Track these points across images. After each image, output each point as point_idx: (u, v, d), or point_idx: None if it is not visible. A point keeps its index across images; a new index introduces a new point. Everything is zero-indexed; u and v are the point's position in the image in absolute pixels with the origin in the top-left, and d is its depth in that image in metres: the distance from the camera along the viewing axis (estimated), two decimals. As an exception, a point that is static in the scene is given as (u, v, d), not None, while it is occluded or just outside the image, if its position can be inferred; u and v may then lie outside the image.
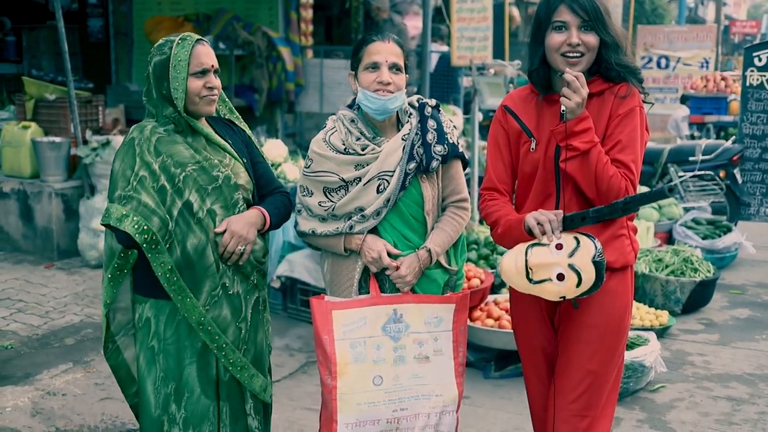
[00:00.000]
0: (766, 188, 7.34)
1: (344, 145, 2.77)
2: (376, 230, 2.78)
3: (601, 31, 2.45)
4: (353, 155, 2.75)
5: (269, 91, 8.91)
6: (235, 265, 2.65)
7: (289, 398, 4.19)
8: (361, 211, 2.74)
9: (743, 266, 6.99)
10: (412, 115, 2.82)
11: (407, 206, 2.78)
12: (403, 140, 2.76)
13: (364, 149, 2.76)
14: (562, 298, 2.45)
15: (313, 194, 2.80)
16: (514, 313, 2.81)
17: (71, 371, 4.47)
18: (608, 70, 2.50)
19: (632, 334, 4.54)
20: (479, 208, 2.76)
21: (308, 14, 9.43)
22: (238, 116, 2.89)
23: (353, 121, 2.80)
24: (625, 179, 2.45)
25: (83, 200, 6.38)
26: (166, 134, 2.62)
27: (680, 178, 7.65)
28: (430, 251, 2.76)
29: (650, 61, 13.67)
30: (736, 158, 7.54)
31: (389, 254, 2.73)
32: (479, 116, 6.44)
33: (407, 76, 2.81)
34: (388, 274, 2.77)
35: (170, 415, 2.65)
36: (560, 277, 2.42)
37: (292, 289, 5.35)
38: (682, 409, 4.20)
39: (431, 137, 2.77)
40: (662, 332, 5.12)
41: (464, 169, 2.91)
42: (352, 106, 2.87)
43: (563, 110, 2.43)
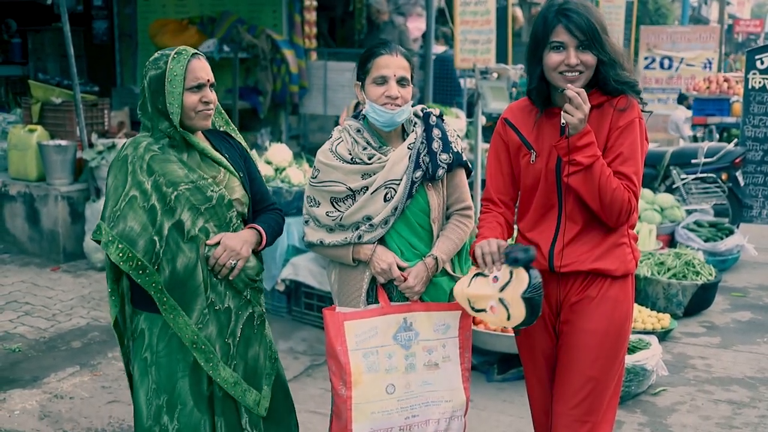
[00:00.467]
0: (768, 190, 7.38)
1: (351, 154, 2.80)
2: (382, 238, 2.81)
3: (598, 50, 2.48)
4: (360, 164, 2.78)
5: (273, 93, 8.94)
6: (226, 280, 2.65)
7: (293, 401, 4.21)
8: (369, 219, 2.76)
9: (745, 268, 7.01)
10: (416, 124, 2.86)
11: (414, 214, 2.81)
12: (409, 149, 2.79)
13: (370, 158, 2.78)
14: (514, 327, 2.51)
15: (320, 204, 2.82)
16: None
17: (78, 374, 4.51)
18: (606, 84, 2.53)
19: (634, 337, 4.57)
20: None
21: (312, 17, 9.46)
22: (234, 128, 2.89)
23: (359, 131, 2.83)
24: (627, 191, 2.49)
25: (89, 203, 6.43)
26: (160, 152, 2.60)
27: (682, 180, 7.67)
28: (436, 259, 2.79)
29: (653, 61, 13.67)
30: (738, 161, 7.56)
31: (399, 267, 2.77)
32: (482, 119, 6.45)
33: (413, 86, 2.84)
34: (396, 284, 2.80)
35: (162, 426, 2.65)
36: (493, 309, 2.48)
37: (296, 292, 5.38)
38: (683, 412, 4.23)
39: (437, 146, 2.81)
40: (664, 335, 5.15)
41: (468, 177, 2.95)
42: (357, 116, 2.90)
43: (563, 123, 2.46)
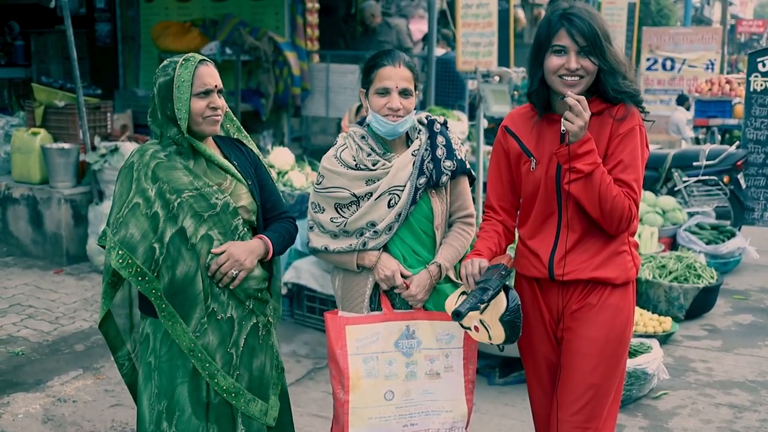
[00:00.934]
0: (769, 193, 7.39)
1: (355, 161, 2.81)
2: (386, 245, 2.82)
3: (598, 56, 2.49)
4: (364, 171, 2.79)
5: (276, 95, 8.96)
6: (228, 289, 2.64)
7: (295, 404, 4.18)
8: (373, 226, 2.77)
9: (747, 271, 7.02)
10: (421, 131, 2.87)
11: (417, 221, 2.82)
12: (413, 155, 2.80)
13: (374, 165, 2.80)
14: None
15: (324, 210, 2.84)
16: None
17: (81, 378, 4.53)
18: (606, 93, 2.53)
19: (635, 341, 4.57)
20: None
21: (314, 19, 9.48)
22: (246, 135, 2.89)
23: (364, 137, 2.85)
24: (628, 198, 2.50)
25: (92, 206, 6.45)
26: (166, 159, 2.61)
27: (684, 183, 7.68)
28: (440, 266, 2.81)
29: (655, 63, 13.68)
30: (740, 163, 7.57)
31: (401, 275, 2.78)
32: (484, 122, 6.47)
33: (418, 93, 2.85)
34: (398, 292, 2.81)
35: None
36: (476, 328, 2.55)
37: (298, 295, 5.40)
38: (684, 416, 4.24)
39: (441, 153, 2.82)
40: (665, 339, 5.17)
41: (471, 185, 2.96)
42: (362, 122, 2.92)
43: (563, 131, 2.46)
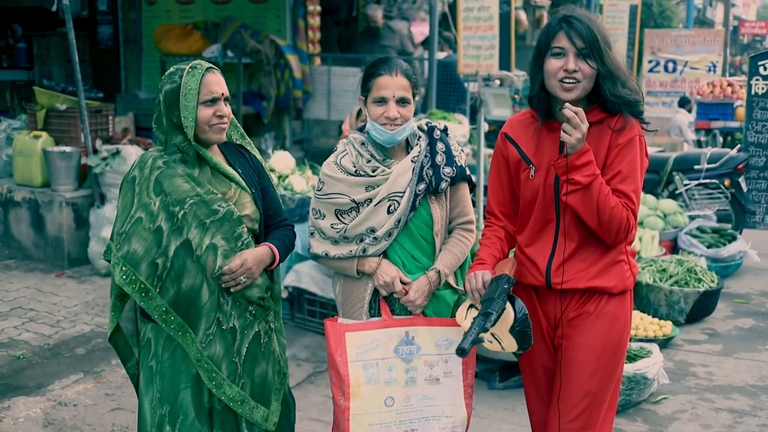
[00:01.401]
0: (771, 196, 7.39)
1: (355, 167, 2.82)
2: (385, 251, 2.83)
3: (597, 60, 2.49)
4: (364, 177, 2.81)
5: (277, 98, 8.99)
6: (231, 299, 2.65)
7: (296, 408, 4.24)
8: (372, 232, 2.78)
9: (748, 274, 7.01)
10: (421, 138, 2.88)
11: (417, 227, 2.83)
12: (412, 162, 2.81)
13: (374, 171, 2.81)
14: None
15: (325, 216, 2.85)
16: (515, 331, 2.87)
17: (82, 381, 4.54)
18: (604, 100, 2.53)
19: (635, 345, 4.58)
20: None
21: (316, 22, 9.49)
22: (249, 142, 2.89)
23: (363, 144, 2.86)
24: (626, 209, 2.50)
25: (93, 209, 6.47)
26: (165, 166, 2.60)
27: (685, 186, 7.67)
28: (439, 272, 2.81)
29: (657, 64, 13.67)
30: (741, 167, 7.56)
31: (401, 281, 2.79)
32: (485, 126, 6.48)
33: (417, 99, 2.86)
34: (397, 297, 2.82)
35: None
36: (488, 341, 2.58)
37: (299, 299, 5.41)
38: (684, 421, 4.24)
39: (440, 159, 2.83)
40: (666, 342, 5.16)
41: (471, 191, 2.97)
42: (362, 129, 2.93)
43: (563, 139, 2.47)
